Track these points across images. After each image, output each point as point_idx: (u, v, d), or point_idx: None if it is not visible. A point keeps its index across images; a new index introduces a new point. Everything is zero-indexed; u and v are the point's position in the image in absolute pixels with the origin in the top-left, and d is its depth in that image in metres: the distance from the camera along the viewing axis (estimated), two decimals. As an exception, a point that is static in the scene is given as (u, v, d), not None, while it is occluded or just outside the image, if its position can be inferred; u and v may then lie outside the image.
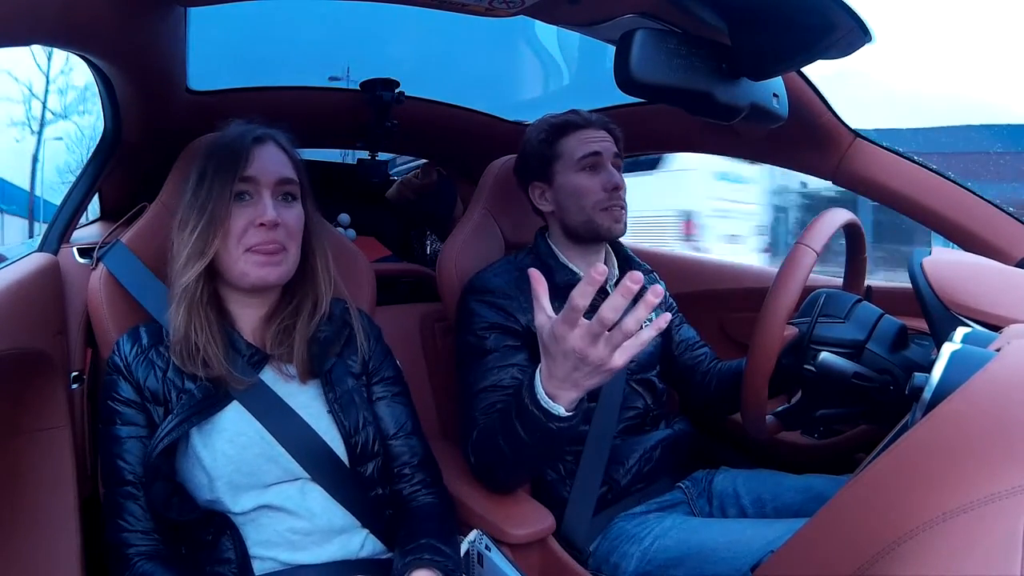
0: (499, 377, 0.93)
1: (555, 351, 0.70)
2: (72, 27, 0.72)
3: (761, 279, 1.44)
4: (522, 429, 0.78)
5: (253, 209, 0.78)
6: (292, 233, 0.81)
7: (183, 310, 0.77)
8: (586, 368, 0.69)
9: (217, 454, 0.75)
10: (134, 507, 0.74)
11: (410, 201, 1.79)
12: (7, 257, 0.97)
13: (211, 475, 0.74)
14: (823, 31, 0.79)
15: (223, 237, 0.77)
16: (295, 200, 0.82)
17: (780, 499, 0.98)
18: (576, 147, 1.02)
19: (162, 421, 0.75)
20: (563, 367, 0.70)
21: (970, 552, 0.40)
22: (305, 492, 0.78)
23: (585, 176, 1.01)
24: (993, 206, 1.08)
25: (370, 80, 1.41)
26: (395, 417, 0.87)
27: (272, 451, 0.77)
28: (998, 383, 0.48)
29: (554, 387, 0.73)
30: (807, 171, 1.25)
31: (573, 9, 0.87)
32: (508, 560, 0.81)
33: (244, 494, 0.75)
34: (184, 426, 0.74)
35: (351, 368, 0.86)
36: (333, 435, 0.80)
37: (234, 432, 0.76)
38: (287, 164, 0.82)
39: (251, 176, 0.79)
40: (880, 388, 0.84)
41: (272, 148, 0.82)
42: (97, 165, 1.05)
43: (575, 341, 0.67)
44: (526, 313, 0.97)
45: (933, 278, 0.76)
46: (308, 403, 0.81)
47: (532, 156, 1.06)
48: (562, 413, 0.74)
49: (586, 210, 1.01)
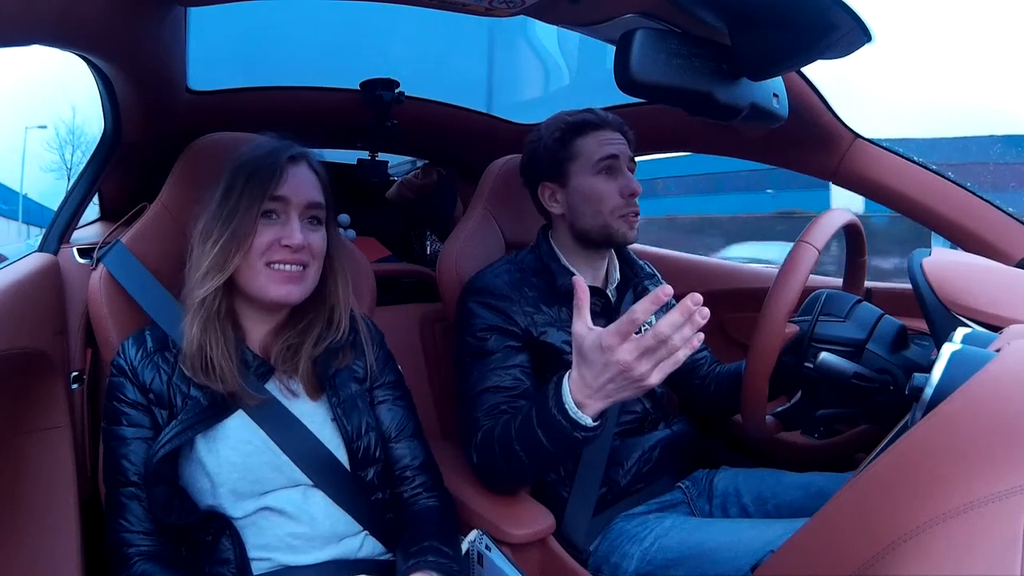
0: (501, 379, 0.93)
1: (597, 360, 0.70)
2: (72, 27, 0.72)
3: (761, 279, 1.44)
4: (544, 436, 0.77)
5: (280, 228, 0.78)
6: (316, 255, 0.80)
7: (198, 324, 0.76)
8: (624, 381, 0.69)
9: (222, 461, 0.75)
10: (136, 507, 0.74)
11: (410, 201, 1.78)
12: (7, 257, 0.97)
13: (215, 481, 0.74)
14: (823, 31, 0.79)
15: (245, 252, 0.76)
16: (320, 224, 0.82)
17: (781, 497, 0.98)
18: (594, 149, 0.99)
19: (166, 424, 0.75)
20: (601, 378, 0.70)
21: (970, 552, 0.40)
22: (307, 497, 0.78)
23: (602, 180, 0.99)
24: (993, 207, 1.08)
25: (370, 80, 1.41)
26: (396, 420, 0.87)
27: (277, 460, 0.76)
28: (998, 383, 0.48)
29: (584, 396, 0.73)
30: (807, 171, 1.25)
31: (573, 9, 0.87)
32: (508, 560, 0.81)
33: (246, 500, 0.75)
34: (188, 433, 0.74)
35: (355, 373, 0.86)
36: (336, 442, 0.80)
37: (239, 440, 0.76)
38: (318, 187, 0.82)
39: (283, 196, 0.78)
40: (880, 388, 0.84)
41: (305, 169, 0.81)
42: (97, 165, 1.05)
43: (624, 354, 0.67)
44: (524, 315, 0.96)
45: (933, 278, 0.76)
46: (312, 411, 0.81)
47: (544, 155, 1.02)
48: (589, 423, 0.74)
49: (602, 215, 0.99)
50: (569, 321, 0.98)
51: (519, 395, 0.93)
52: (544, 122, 1.05)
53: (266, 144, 0.81)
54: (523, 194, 1.14)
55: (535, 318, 0.97)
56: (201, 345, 0.75)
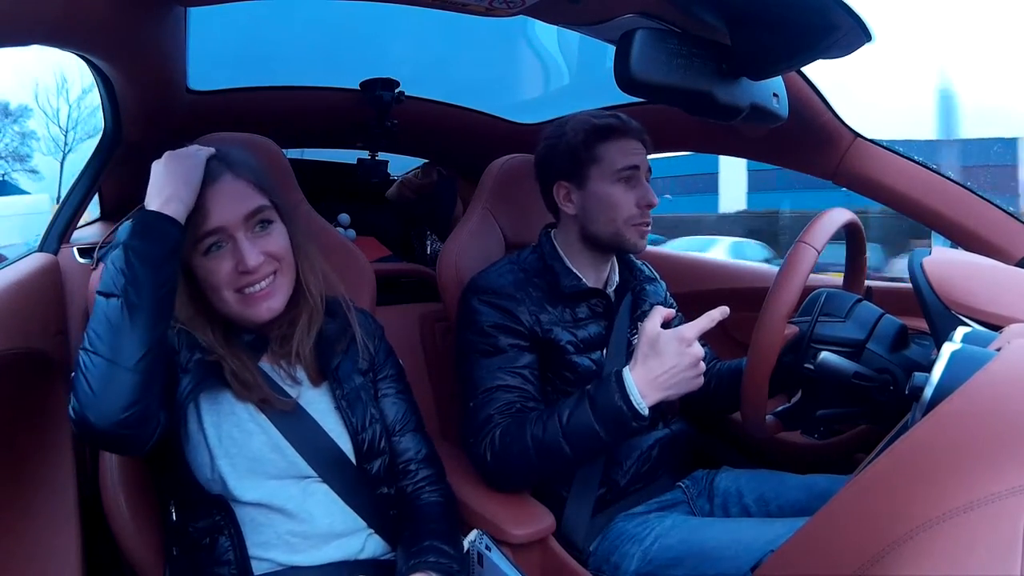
0: (511, 378, 0.93)
1: (671, 352, 0.81)
2: (72, 27, 0.72)
3: (761, 278, 1.44)
4: (602, 427, 0.84)
5: (232, 256, 0.74)
6: (280, 257, 0.77)
7: (212, 359, 0.75)
8: (688, 374, 0.82)
9: (223, 434, 0.75)
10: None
11: (410, 201, 1.78)
12: (7, 257, 0.97)
13: (213, 454, 0.74)
14: (823, 31, 0.79)
15: (211, 293, 0.75)
16: (271, 223, 0.78)
17: (783, 498, 0.98)
18: (616, 156, 0.98)
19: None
20: (670, 370, 0.81)
21: (970, 552, 0.40)
22: (308, 493, 0.77)
23: (621, 189, 0.98)
24: (993, 206, 1.08)
25: (370, 80, 1.41)
26: (399, 413, 0.87)
27: (279, 443, 0.76)
28: (998, 383, 0.48)
29: (644, 385, 0.82)
30: (807, 171, 1.25)
31: (573, 9, 0.87)
32: (508, 560, 0.81)
33: (246, 480, 0.75)
34: (201, 387, 0.74)
35: (358, 365, 0.85)
36: (340, 432, 0.80)
37: (243, 417, 0.76)
38: (250, 190, 0.76)
39: (216, 228, 0.74)
40: (880, 388, 0.84)
41: (228, 182, 0.76)
42: (97, 165, 1.05)
43: (698, 348, 0.82)
44: (529, 314, 0.96)
45: (933, 278, 0.76)
46: (315, 400, 0.81)
47: (565, 154, 1.00)
48: (647, 413, 0.82)
49: (616, 223, 0.98)
50: (573, 322, 0.99)
51: (530, 397, 0.93)
52: (567, 118, 1.03)
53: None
54: (523, 194, 1.14)
55: (540, 317, 0.97)
56: (223, 357, 0.76)
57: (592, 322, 1.01)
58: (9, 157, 11.97)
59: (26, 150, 12.07)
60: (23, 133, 12.17)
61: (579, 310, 1.01)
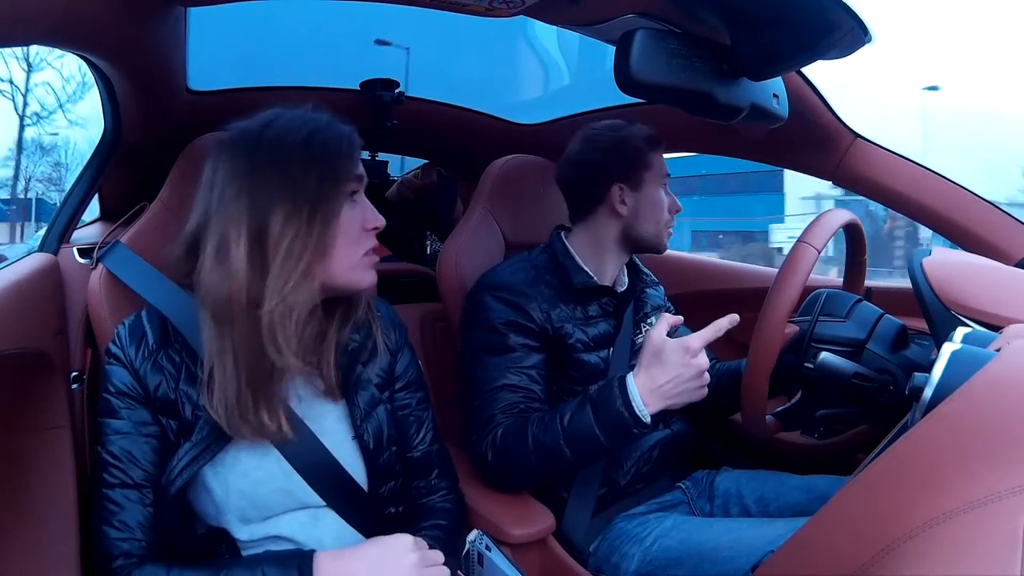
0: (518, 378, 0.93)
1: (676, 361, 0.80)
2: (72, 27, 0.72)
3: (761, 279, 1.44)
4: (603, 432, 0.83)
5: (360, 211, 0.72)
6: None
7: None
8: (691, 385, 0.81)
9: (230, 489, 0.69)
10: (136, 512, 0.68)
11: (410, 201, 1.78)
12: (7, 257, 0.97)
13: (220, 508, 0.70)
14: (823, 31, 0.79)
15: (339, 244, 0.69)
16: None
17: (784, 498, 0.98)
18: (660, 165, 1.06)
19: (176, 438, 0.69)
20: (673, 379, 0.81)
21: (970, 552, 0.40)
22: (317, 519, 0.73)
23: (662, 194, 1.06)
24: (993, 206, 1.08)
25: (370, 80, 1.41)
26: (420, 426, 0.83)
27: (289, 484, 0.71)
28: (998, 383, 0.48)
29: (647, 393, 0.81)
30: (807, 171, 1.25)
31: (573, 9, 0.87)
32: (508, 560, 0.81)
33: (252, 524, 0.71)
34: (204, 458, 0.68)
35: (375, 378, 0.79)
36: (355, 459, 0.75)
37: (249, 466, 0.70)
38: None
39: (361, 174, 0.72)
40: (880, 388, 0.84)
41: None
42: (97, 165, 1.05)
43: (703, 359, 0.81)
44: (541, 311, 0.97)
45: (933, 278, 0.76)
46: (332, 427, 0.75)
47: (627, 156, 1.04)
48: (648, 420, 0.82)
49: (659, 225, 1.05)
50: (584, 319, 1.00)
51: (535, 398, 0.93)
52: (622, 124, 1.07)
53: (320, 118, 0.71)
54: (523, 194, 1.14)
55: (551, 314, 0.97)
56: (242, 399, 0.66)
57: (602, 320, 1.02)
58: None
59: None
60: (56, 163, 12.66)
61: (590, 308, 1.01)
